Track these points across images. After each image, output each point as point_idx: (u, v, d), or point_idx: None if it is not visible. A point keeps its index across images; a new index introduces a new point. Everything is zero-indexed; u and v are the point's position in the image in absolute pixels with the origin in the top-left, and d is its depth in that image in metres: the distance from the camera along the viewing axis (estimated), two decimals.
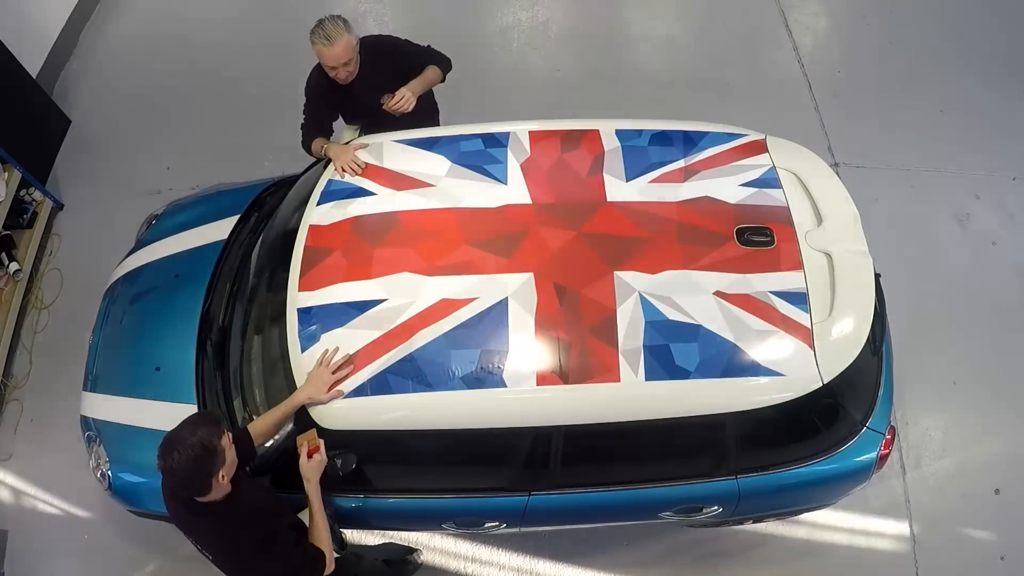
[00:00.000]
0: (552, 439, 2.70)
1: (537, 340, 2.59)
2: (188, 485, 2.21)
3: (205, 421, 2.23)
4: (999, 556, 3.68)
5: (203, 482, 2.18)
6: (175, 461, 2.12)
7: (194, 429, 2.17)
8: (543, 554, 3.70)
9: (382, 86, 3.30)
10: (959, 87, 5.14)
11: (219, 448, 2.17)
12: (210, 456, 2.15)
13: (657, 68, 5.35)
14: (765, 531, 3.73)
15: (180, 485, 2.23)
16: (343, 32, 3.10)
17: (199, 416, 2.27)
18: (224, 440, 2.20)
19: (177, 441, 2.15)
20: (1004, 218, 4.63)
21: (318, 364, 2.57)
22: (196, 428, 2.18)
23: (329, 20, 3.11)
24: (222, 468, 2.19)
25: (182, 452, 2.12)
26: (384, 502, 2.98)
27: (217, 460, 2.17)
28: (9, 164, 4.42)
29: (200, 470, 2.15)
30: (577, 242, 2.77)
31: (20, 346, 4.38)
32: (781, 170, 3.01)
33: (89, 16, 5.75)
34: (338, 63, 3.14)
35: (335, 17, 3.13)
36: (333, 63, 3.14)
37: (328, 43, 3.08)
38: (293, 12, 5.63)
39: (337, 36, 3.08)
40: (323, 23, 3.11)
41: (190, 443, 2.13)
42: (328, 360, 2.57)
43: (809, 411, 2.74)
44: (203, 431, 2.17)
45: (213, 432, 2.18)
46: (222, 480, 2.21)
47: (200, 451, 2.13)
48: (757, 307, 2.63)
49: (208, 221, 3.63)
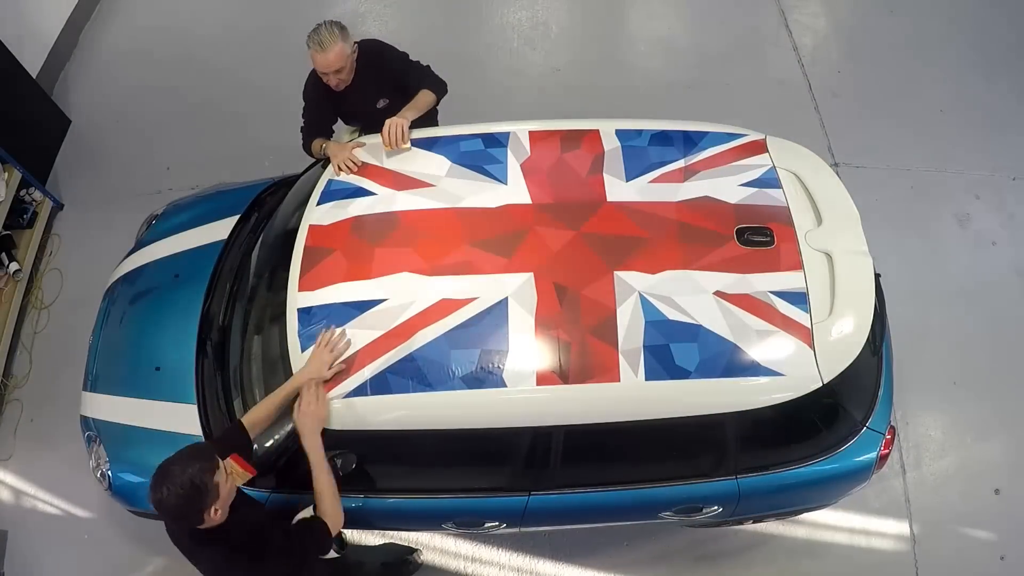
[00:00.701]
0: (552, 439, 2.70)
1: (537, 340, 2.59)
2: (179, 520, 2.20)
3: (198, 456, 2.16)
4: (999, 556, 3.68)
5: (194, 517, 2.16)
6: (164, 496, 2.09)
7: (185, 466, 2.11)
8: (543, 554, 3.70)
9: (377, 94, 3.32)
10: (959, 87, 5.14)
11: (210, 485, 2.12)
12: (200, 494, 2.10)
13: (657, 68, 5.35)
14: (765, 531, 3.73)
15: (171, 520, 2.22)
16: (337, 39, 3.09)
17: (192, 450, 2.20)
18: (217, 476, 2.15)
19: (168, 476, 2.10)
20: (1004, 218, 4.63)
21: (318, 344, 2.58)
22: (188, 464, 2.11)
23: (326, 26, 3.10)
24: (215, 503, 2.15)
25: (171, 488, 2.08)
26: (384, 502, 2.98)
27: (208, 497, 2.12)
28: (9, 164, 4.42)
29: (190, 507, 2.12)
30: (577, 242, 2.77)
31: (20, 346, 4.38)
32: (781, 170, 3.01)
33: (89, 16, 5.75)
34: (329, 70, 3.14)
35: (332, 23, 3.12)
36: (324, 69, 3.14)
37: (321, 49, 3.08)
38: (293, 12, 5.63)
39: (330, 43, 3.07)
40: (319, 28, 3.10)
41: (179, 481, 2.08)
42: (328, 340, 2.57)
43: (809, 411, 2.74)
44: (194, 468, 2.10)
45: (205, 468, 2.12)
46: (215, 514, 2.17)
47: (190, 489, 2.09)
48: (757, 307, 2.63)
49: (208, 221, 3.63)
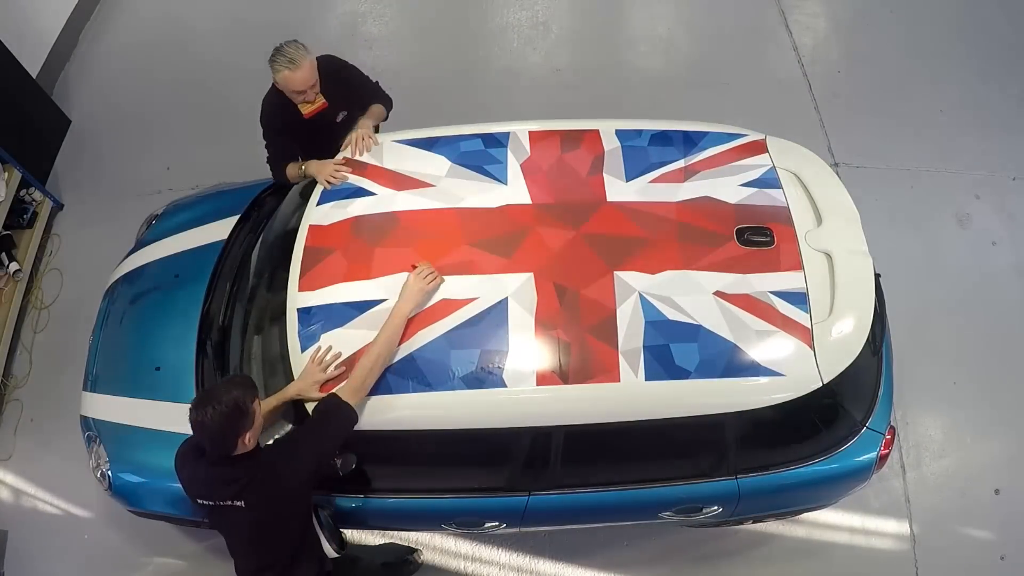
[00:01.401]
0: (552, 439, 2.70)
1: (537, 340, 2.59)
2: (216, 441, 2.27)
3: (241, 383, 2.31)
4: (999, 556, 3.68)
5: (231, 440, 2.26)
6: (207, 416, 2.20)
7: (230, 388, 2.26)
8: (543, 554, 3.70)
9: (336, 107, 3.31)
10: (959, 87, 5.14)
11: (251, 410, 2.26)
12: (241, 416, 2.23)
13: (657, 68, 5.35)
14: (765, 531, 3.73)
15: (208, 440, 2.28)
16: (305, 54, 3.06)
17: (236, 377, 2.38)
18: (255, 404, 2.28)
19: (212, 397, 2.23)
20: (1004, 218, 4.63)
21: (310, 361, 2.60)
22: (232, 388, 2.26)
23: (288, 45, 3.07)
24: (249, 430, 2.27)
25: (216, 408, 2.20)
26: (384, 502, 2.98)
27: (247, 421, 2.25)
28: (9, 164, 4.42)
29: (230, 428, 2.23)
30: (577, 242, 2.77)
31: (20, 346, 4.38)
32: (781, 170, 3.01)
33: (89, 16, 5.74)
34: (305, 86, 3.10)
35: (292, 41, 3.08)
36: (302, 86, 3.10)
37: (294, 67, 3.03)
38: (294, 12, 5.65)
39: (301, 59, 3.04)
40: (282, 49, 3.06)
41: (224, 400, 2.21)
42: (319, 359, 2.58)
43: (809, 411, 2.74)
44: (238, 391, 2.25)
45: (248, 394, 2.27)
46: (248, 442, 2.28)
47: (233, 409, 2.21)
48: (757, 307, 2.64)
49: (208, 221, 3.63)
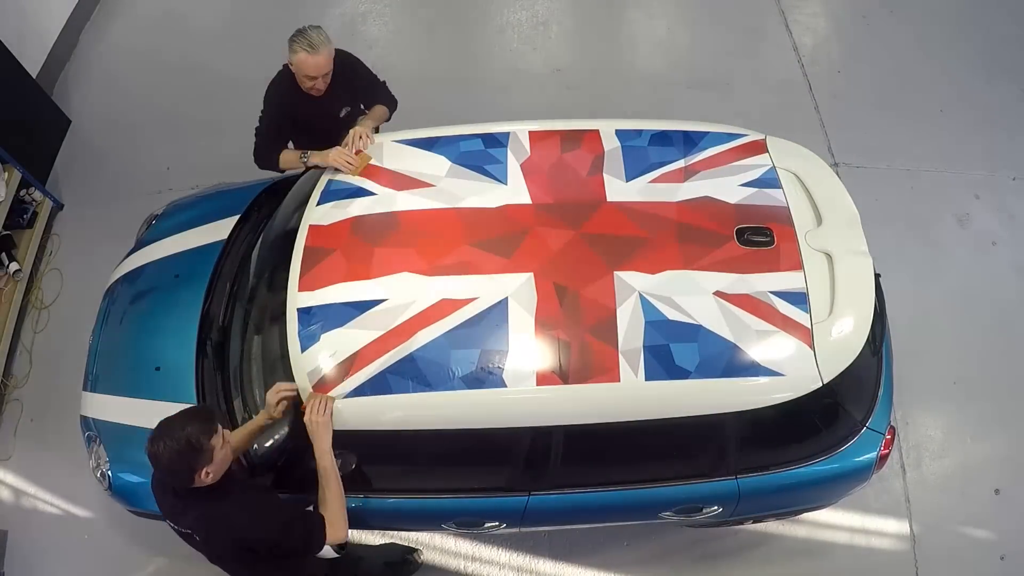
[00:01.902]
0: (552, 439, 2.70)
1: (537, 340, 2.59)
2: (170, 475, 2.25)
3: (198, 417, 2.24)
4: (999, 556, 3.68)
5: (185, 475, 2.21)
6: (160, 450, 2.17)
7: (185, 423, 2.19)
8: (543, 553, 3.70)
9: (341, 102, 3.32)
10: (959, 87, 5.14)
11: (206, 447, 2.18)
12: (194, 453, 2.17)
13: (657, 68, 5.35)
14: (765, 531, 3.73)
15: (163, 473, 2.27)
16: (326, 41, 3.07)
17: (195, 411, 2.28)
18: (214, 440, 2.21)
19: (166, 431, 2.19)
20: (1004, 218, 4.63)
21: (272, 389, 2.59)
22: (187, 423, 2.20)
23: (311, 29, 3.08)
24: (207, 466, 2.21)
25: (168, 443, 2.16)
26: (384, 502, 2.98)
27: (202, 458, 2.19)
28: (9, 164, 4.42)
29: (183, 464, 2.18)
30: (577, 242, 2.77)
31: (20, 346, 4.38)
32: (781, 170, 3.01)
33: (89, 16, 5.74)
34: (319, 72, 3.11)
35: (315, 27, 3.09)
36: (315, 72, 3.10)
37: (312, 51, 3.04)
38: (294, 11, 5.63)
39: (321, 44, 3.05)
40: (305, 31, 3.07)
41: (178, 436, 2.16)
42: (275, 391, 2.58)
43: (809, 411, 2.74)
44: (193, 427, 2.18)
45: (203, 430, 2.19)
46: (205, 477, 2.22)
47: (185, 447, 2.15)
48: (757, 307, 2.63)
49: (208, 221, 3.63)
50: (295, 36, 3.08)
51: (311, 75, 3.12)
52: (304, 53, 3.06)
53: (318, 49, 3.05)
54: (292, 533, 2.39)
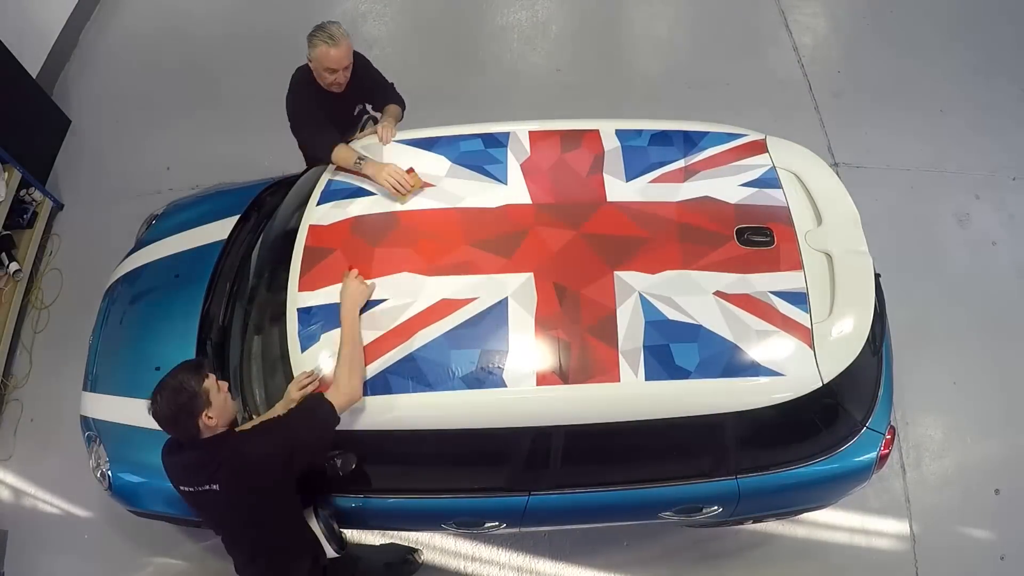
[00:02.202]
0: (552, 439, 2.70)
1: (537, 340, 2.59)
2: (174, 426, 2.29)
3: (187, 367, 2.33)
4: (999, 556, 3.68)
5: (187, 422, 2.26)
6: (158, 405, 2.25)
7: (175, 373, 2.29)
8: (543, 553, 3.70)
9: (356, 99, 3.32)
10: (959, 87, 5.14)
11: (199, 390, 2.25)
12: (190, 397, 2.24)
13: (657, 68, 5.35)
14: (765, 531, 3.73)
15: (168, 427, 2.31)
16: (345, 35, 3.08)
17: (182, 363, 2.36)
18: (207, 383, 2.28)
19: (160, 386, 2.28)
20: (1004, 218, 4.63)
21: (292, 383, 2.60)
22: (177, 372, 2.30)
23: (330, 23, 3.09)
24: (207, 409, 2.27)
25: (163, 395, 2.24)
26: (384, 502, 2.98)
27: (198, 401, 2.25)
28: (9, 164, 4.42)
29: (182, 411, 2.24)
30: (577, 242, 2.77)
31: (20, 346, 4.38)
32: (781, 170, 3.01)
33: (89, 16, 5.75)
34: (340, 65, 3.11)
35: (334, 21, 3.11)
36: (336, 64, 3.10)
37: (333, 43, 3.05)
38: (294, 11, 5.64)
39: (341, 37, 3.06)
40: (324, 25, 3.08)
41: (170, 385, 2.25)
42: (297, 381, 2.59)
43: (809, 411, 2.74)
44: (183, 374, 2.28)
45: (192, 376, 2.27)
46: (209, 421, 2.28)
47: (178, 391, 2.24)
48: (757, 307, 2.63)
49: (208, 221, 3.63)
50: (314, 31, 3.09)
51: (332, 68, 3.11)
52: (325, 46, 3.06)
53: (338, 41, 3.05)
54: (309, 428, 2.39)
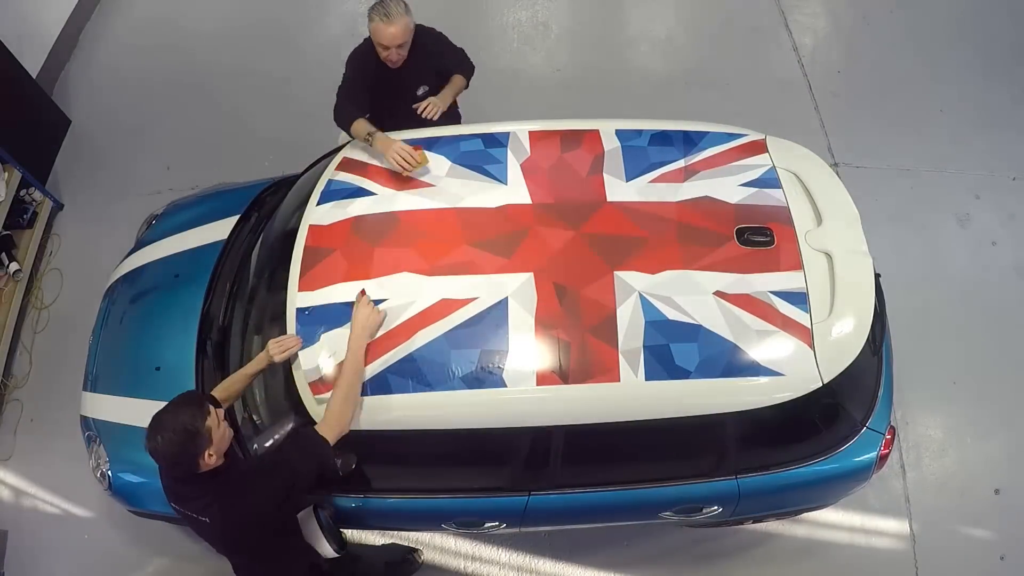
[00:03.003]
0: (552, 439, 2.70)
1: (537, 340, 2.59)
2: (174, 465, 2.25)
3: (189, 403, 2.25)
4: (999, 556, 3.68)
5: (188, 463, 2.22)
6: (158, 443, 2.18)
7: (177, 412, 2.21)
8: (543, 553, 3.70)
9: (420, 79, 3.31)
10: (959, 87, 5.14)
11: (202, 430, 2.19)
12: (192, 438, 2.18)
13: (657, 68, 5.35)
14: (765, 531, 3.73)
15: (166, 465, 2.27)
16: (403, 14, 3.08)
17: (183, 398, 2.30)
18: (209, 421, 2.22)
19: (160, 424, 2.20)
20: (1004, 218, 4.63)
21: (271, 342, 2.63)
22: (179, 411, 2.21)
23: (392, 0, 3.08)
24: (208, 448, 2.22)
25: (164, 436, 2.17)
26: (384, 502, 2.98)
27: (201, 441, 2.20)
28: (9, 164, 4.42)
29: (183, 452, 2.19)
30: (577, 242, 2.77)
31: (20, 346, 4.38)
32: (781, 170, 3.01)
33: (89, 16, 5.74)
34: (392, 44, 3.11)
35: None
36: (388, 42, 3.10)
37: (387, 20, 3.04)
38: (293, 12, 5.64)
39: (397, 16, 3.06)
40: (385, 0, 3.07)
41: (172, 426, 2.17)
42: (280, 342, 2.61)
43: (809, 411, 2.74)
44: (185, 415, 2.19)
45: (196, 414, 2.20)
46: (209, 459, 2.23)
47: (182, 435, 2.17)
48: (757, 307, 2.63)
49: (208, 221, 3.63)
50: (374, 5, 3.09)
51: (384, 44, 3.12)
52: (380, 22, 3.06)
53: (393, 19, 3.05)
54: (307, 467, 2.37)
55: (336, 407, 2.44)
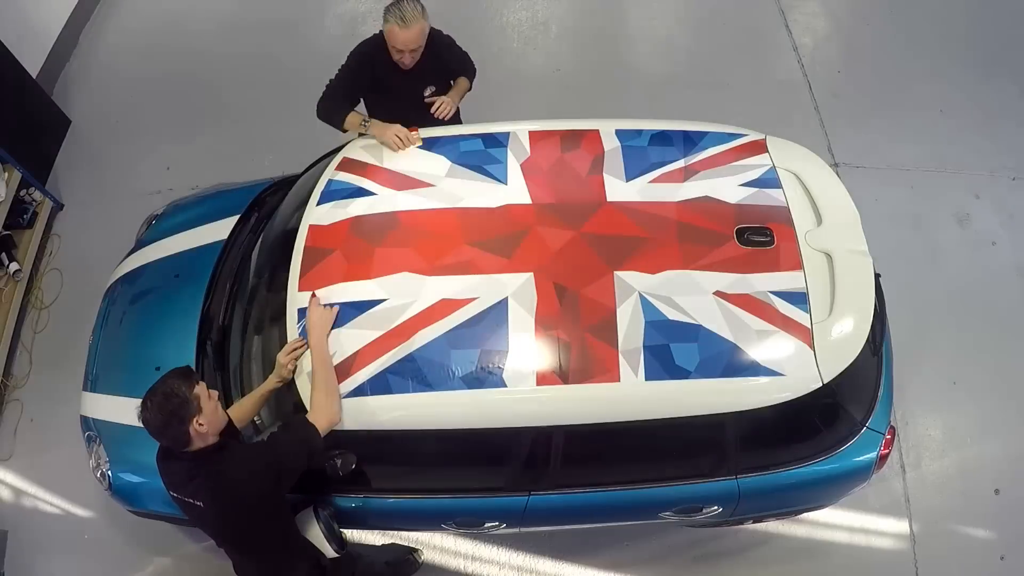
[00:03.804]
0: (552, 439, 2.70)
1: (537, 340, 2.59)
2: (164, 434, 2.27)
3: (174, 373, 2.30)
4: (999, 556, 3.68)
5: (176, 430, 2.24)
6: (147, 411, 2.22)
7: (164, 380, 2.27)
8: (543, 553, 3.70)
9: (428, 80, 3.32)
10: (959, 87, 5.14)
11: (188, 396, 2.23)
12: (179, 404, 2.21)
13: (657, 68, 5.35)
14: (765, 531, 3.73)
15: (157, 435, 2.29)
16: (420, 18, 3.07)
17: (173, 370, 2.33)
18: (197, 389, 2.26)
19: (150, 394, 2.25)
20: (1004, 218, 4.63)
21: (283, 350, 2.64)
22: (166, 379, 2.27)
23: (409, 2, 3.07)
24: (197, 416, 2.24)
25: (153, 401, 2.22)
26: (384, 502, 2.98)
27: (188, 408, 2.22)
28: (9, 164, 4.42)
29: (170, 418, 2.21)
30: (577, 242, 2.77)
31: (20, 346, 4.37)
32: (781, 170, 3.01)
33: (89, 16, 5.74)
34: (407, 47, 3.11)
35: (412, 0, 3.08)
36: (403, 46, 3.11)
37: (403, 24, 3.04)
38: (293, 12, 5.65)
39: (413, 20, 3.05)
40: (401, 3, 3.06)
41: (159, 391, 2.23)
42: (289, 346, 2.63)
43: (809, 411, 2.74)
44: (172, 381, 2.25)
45: (181, 381, 2.25)
46: (199, 428, 2.25)
47: (166, 398, 2.21)
48: (757, 307, 2.63)
49: (208, 221, 3.63)
50: (390, 6, 3.08)
51: (398, 48, 3.12)
52: (395, 25, 3.05)
53: (409, 24, 3.04)
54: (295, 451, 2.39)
55: (320, 399, 2.47)
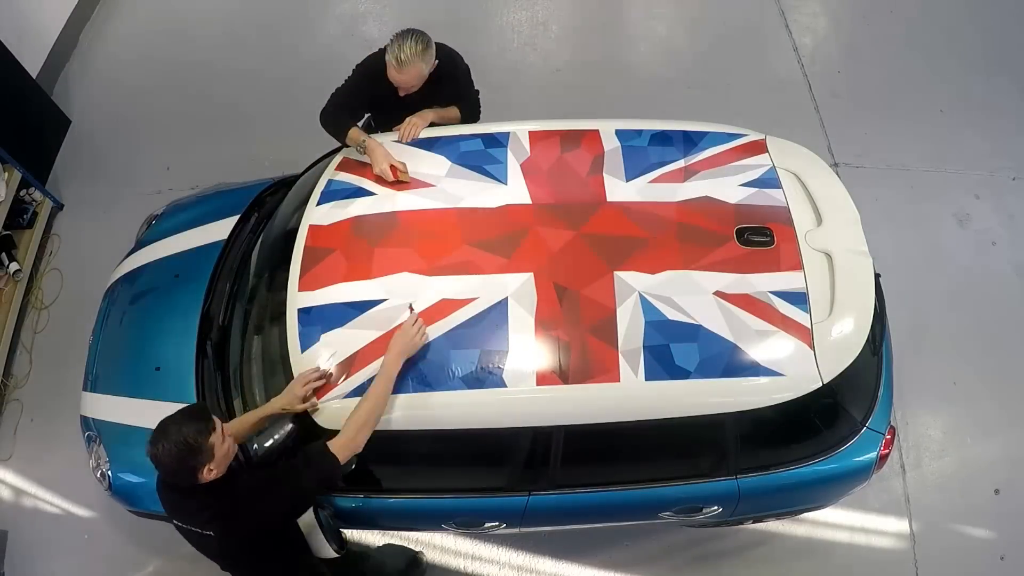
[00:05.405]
0: (552, 439, 2.70)
1: (537, 340, 2.59)
2: (173, 475, 2.25)
3: (195, 417, 2.23)
4: (999, 556, 3.68)
5: (187, 475, 2.21)
6: (160, 451, 2.18)
7: (181, 424, 2.20)
8: (543, 552, 3.70)
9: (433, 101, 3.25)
10: (959, 87, 5.14)
11: (205, 446, 2.19)
12: (193, 452, 2.18)
13: (657, 68, 5.35)
14: (765, 531, 3.73)
15: (165, 474, 2.28)
16: (418, 60, 3.00)
17: (190, 411, 2.28)
18: (213, 438, 2.21)
19: (164, 432, 2.19)
20: (1004, 218, 4.63)
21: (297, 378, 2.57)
22: (183, 424, 2.20)
23: (412, 40, 2.98)
24: (209, 463, 2.21)
25: (166, 446, 2.17)
26: (384, 502, 2.99)
27: (202, 456, 2.19)
28: (9, 164, 4.42)
29: (183, 464, 2.19)
30: (577, 242, 2.77)
31: (20, 346, 4.37)
32: (781, 170, 3.01)
33: (89, 16, 5.74)
34: (402, 86, 3.10)
35: (418, 38, 3.00)
36: (397, 85, 3.10)
37: (398, 67, 3.00)
38: (292, 12, 5.65)
39: (408, 63, 2.99)
40: (403, 43, 2.98)
41: (174, 438, 2.17)
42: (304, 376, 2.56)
43: (809, 411, 2.74)
44: (189, 428, 2.18)
45: (200, 430, 2.19)
46: (208, 474, 2.22)
47: (183, 447, 2.16)
48: (757, 307, 2.64)
49: (208, 221, 3.63)
50: (394, 39, 3.01)
51: (395, 83, 3.10)
52: (391, 67, 3.03)
53: (403, 68, 3.01)
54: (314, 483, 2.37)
55: (352, 428, 2.39)
